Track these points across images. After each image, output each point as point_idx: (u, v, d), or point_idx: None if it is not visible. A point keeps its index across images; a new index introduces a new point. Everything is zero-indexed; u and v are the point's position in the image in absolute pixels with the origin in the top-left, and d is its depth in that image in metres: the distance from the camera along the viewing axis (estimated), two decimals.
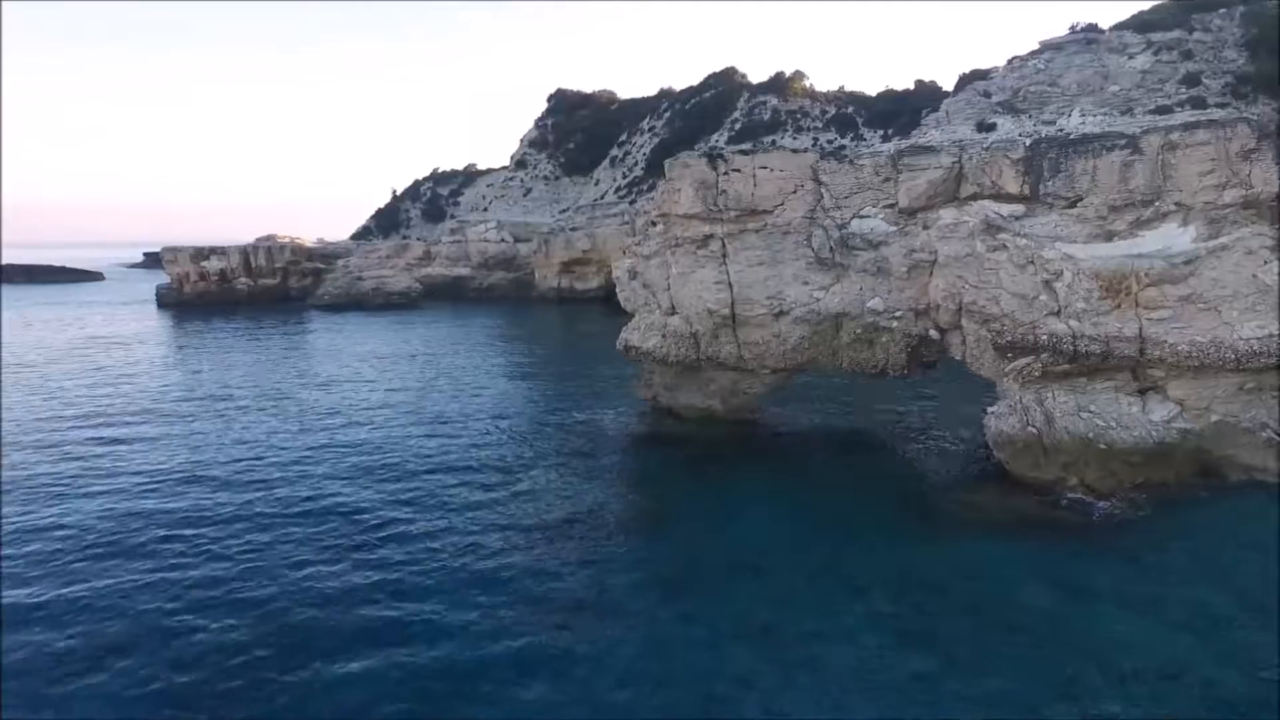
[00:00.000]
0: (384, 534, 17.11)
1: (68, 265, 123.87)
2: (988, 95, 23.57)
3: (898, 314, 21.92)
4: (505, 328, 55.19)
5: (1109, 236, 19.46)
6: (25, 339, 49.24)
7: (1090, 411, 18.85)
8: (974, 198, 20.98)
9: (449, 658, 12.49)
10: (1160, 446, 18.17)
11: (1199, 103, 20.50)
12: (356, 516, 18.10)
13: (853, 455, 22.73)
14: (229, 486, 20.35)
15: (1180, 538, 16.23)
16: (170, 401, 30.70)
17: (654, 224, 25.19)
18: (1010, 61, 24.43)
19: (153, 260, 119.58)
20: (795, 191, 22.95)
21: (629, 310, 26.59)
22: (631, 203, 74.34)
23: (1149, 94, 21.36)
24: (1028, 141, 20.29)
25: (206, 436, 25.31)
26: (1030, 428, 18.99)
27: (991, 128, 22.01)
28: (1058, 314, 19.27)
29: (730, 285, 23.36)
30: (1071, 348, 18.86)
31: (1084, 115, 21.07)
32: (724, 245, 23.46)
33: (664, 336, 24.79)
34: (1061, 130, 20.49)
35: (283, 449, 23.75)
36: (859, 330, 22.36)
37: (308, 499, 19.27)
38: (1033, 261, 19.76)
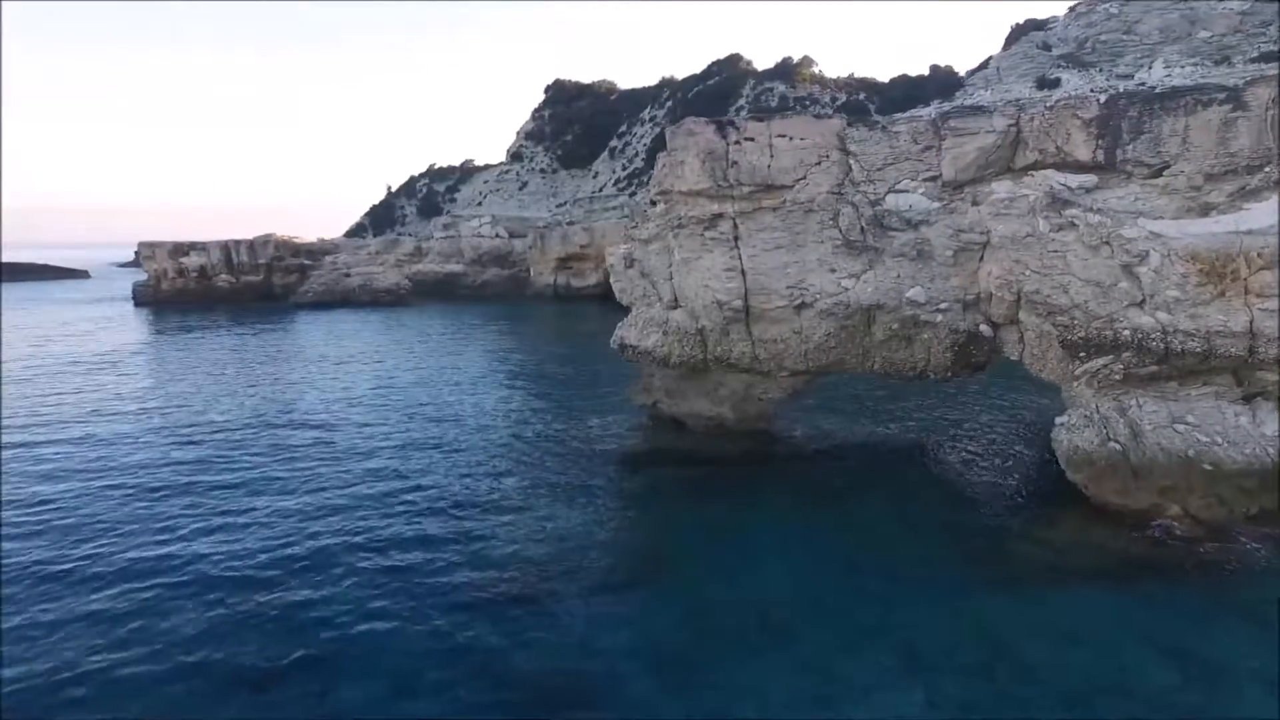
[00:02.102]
0: (321, 584, 13.60)
1: (54, 263, 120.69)
2: (1047, 48, 20.05)
3: (942, 306, 18.57)
4: (496, 326, 51.83)
5: (1205, 210, 16.07)
6: None
7: (1187, 423, 15.47)
8: (1035, 167, 17.64)
9: None
10: (1276, 467, 14.83)
11: None
12: (293, 559, 14.64)
13: (892, 475, 19.19)
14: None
15: None
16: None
17: (654, 203, 21.71)
18: (1074, 8, 20.81)
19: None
20: (819, 163, 19.53)
21: (625, 303, 23.15)
22: (631, 195, 71.27)
23: (1249, 39, 17.85)
24: (1102, 98, 16.88)
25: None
26: (1112, 443, 15.66)
27: (1054, 84, 18.58)
28: (1141, 305, 15.95)
29: (743, 273, 19.90)
30: (1162, 345, 15.51)
31: (1169, 67, 17.62)
32: (735, 226, 19.99)
33: (665, 333, 21.33)
34: (1142, 84, 17.04)
35: (224, 463, 20.38)
36: (895, 325, 18.99)
37: (235, 538, 15.79)
38: (1108, 242, 16.43)
